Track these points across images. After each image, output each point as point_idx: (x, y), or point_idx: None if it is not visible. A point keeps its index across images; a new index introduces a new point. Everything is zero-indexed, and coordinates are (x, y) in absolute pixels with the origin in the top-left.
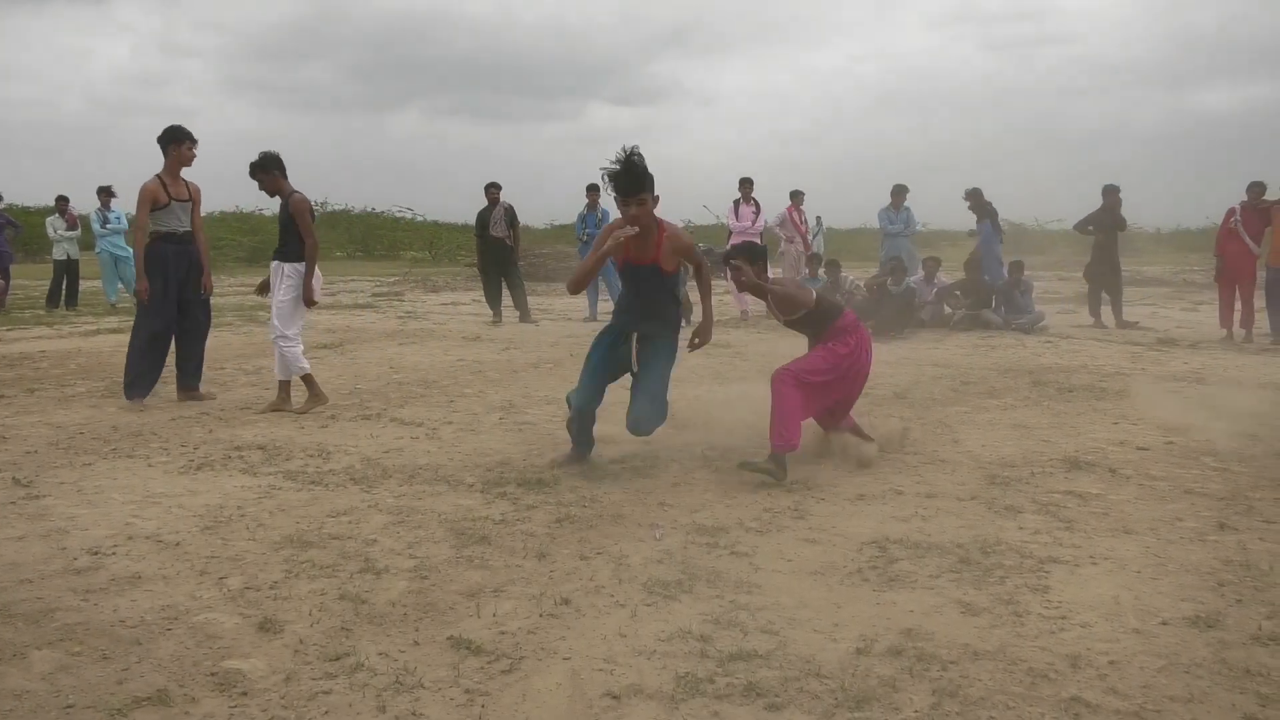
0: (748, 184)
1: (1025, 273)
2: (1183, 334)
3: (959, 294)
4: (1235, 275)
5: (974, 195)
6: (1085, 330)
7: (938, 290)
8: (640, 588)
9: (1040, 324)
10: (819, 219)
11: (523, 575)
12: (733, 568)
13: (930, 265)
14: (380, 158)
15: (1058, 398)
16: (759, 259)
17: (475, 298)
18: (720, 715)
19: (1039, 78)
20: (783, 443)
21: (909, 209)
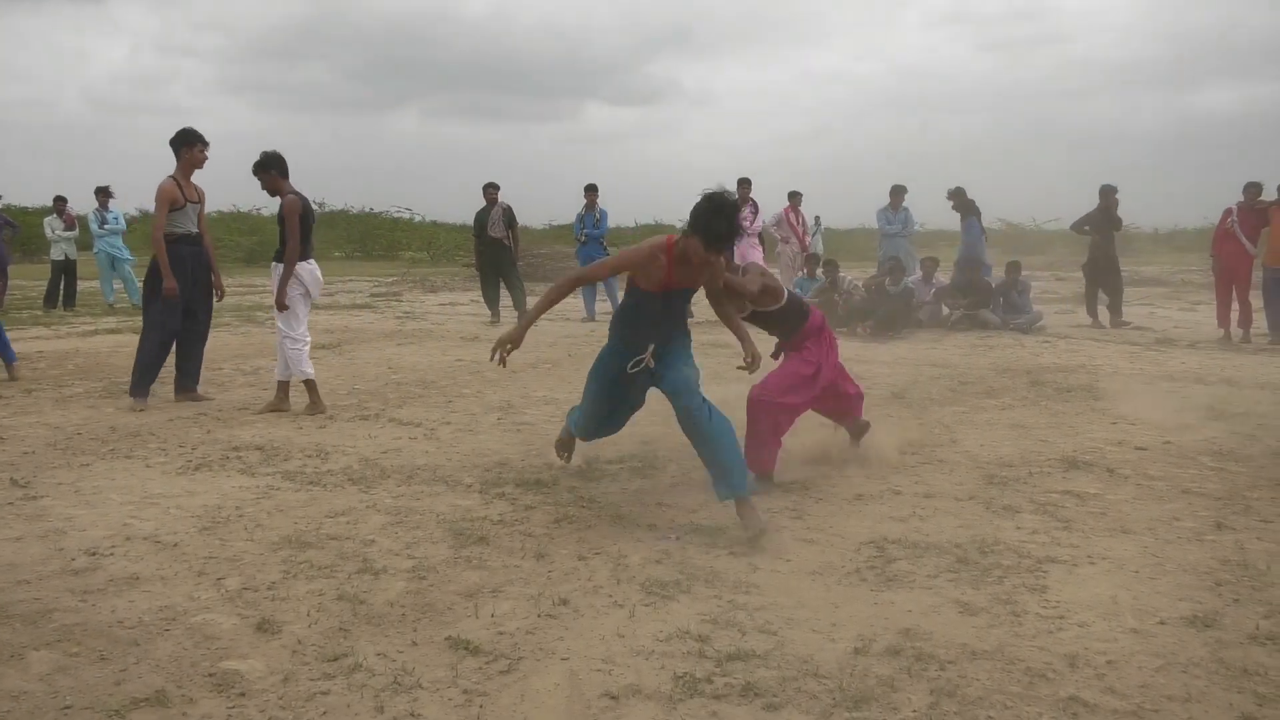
0: (745, 184)
1: (1023, 273)
2: (1181, 334)
3: (958, 293)
4: (1232, 275)
5: (957, 195)
6: (1083, 330)
7: (936, 290)
8: (638, 588)
9: (1038, 324)
10: (817, 219)
11: (521, 575)
12: (731, 568)
13: (928, 265)
14: (378, 158)
15: (1056, 397)
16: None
17: (473, 298)
18: (718, 715)
19: (1037, 78)
20: (756, 468)
21: (907, 209)
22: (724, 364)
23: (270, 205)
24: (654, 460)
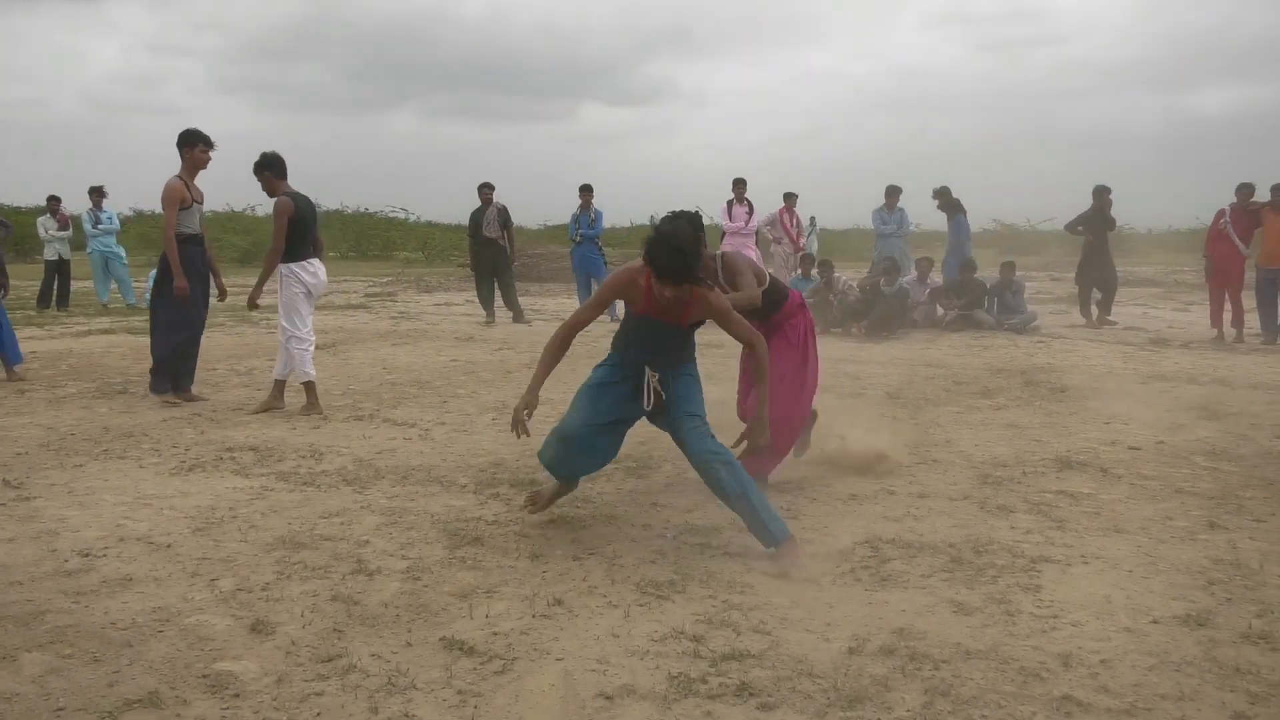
0: (741, 185)
1: (1017, 273)
2: (1174, 334)
3: (953, 294)
4: (1225, 276)
5: (942, 194)
6: (1077, 330)
7: (931, 290)
8: (633, 588)
9: (1032, 324)
10: (813, 219)
11: (515, 576)
12: (725, 568)
13: (923, 265)
14: (374, 158)
15: (1050, 398)
16: (701, 245)
17: (468, 298)
18: (713, 715)
19: (1032, 79)
20: (756, 472)
21: (903, 210)
22: (719, 364)
23: (265, 205)
24: (649, 460)
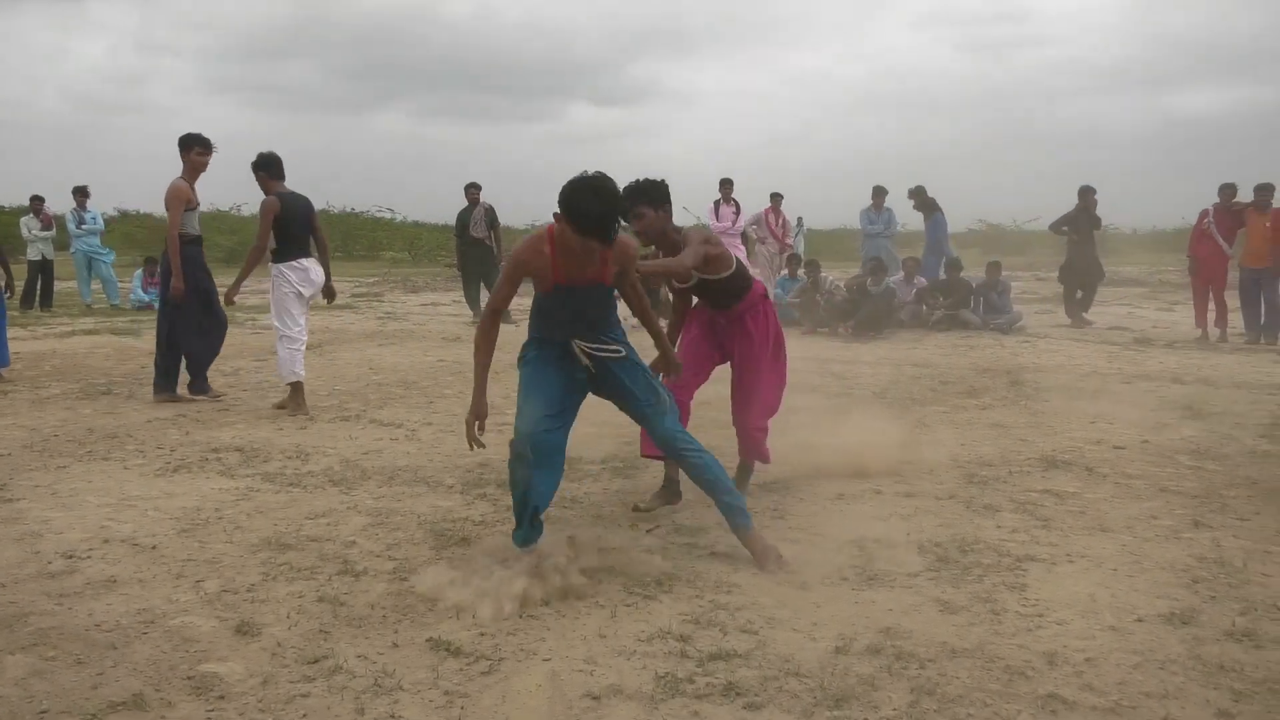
0: (728, 184)
1: (1003, 273)
2: (1158, 333)
3: (939, 294)
4: (1209, 275)
5: (917, 194)
6: (1062, 330)
7: (917, 290)
8: (620, 588)
9: (1018, 324)
10: (800, 219)
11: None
12: (712, 568)
13: (910, 265)
14: (361, 158)
15: (1035, 397)
16: (662, 203)
17: (455, 298)
18: (700, 715)
19: (1018, 79)
20: (763, 458)
21: (890, 210)
22: None
23: (251, 205)
24: (635, 460)
